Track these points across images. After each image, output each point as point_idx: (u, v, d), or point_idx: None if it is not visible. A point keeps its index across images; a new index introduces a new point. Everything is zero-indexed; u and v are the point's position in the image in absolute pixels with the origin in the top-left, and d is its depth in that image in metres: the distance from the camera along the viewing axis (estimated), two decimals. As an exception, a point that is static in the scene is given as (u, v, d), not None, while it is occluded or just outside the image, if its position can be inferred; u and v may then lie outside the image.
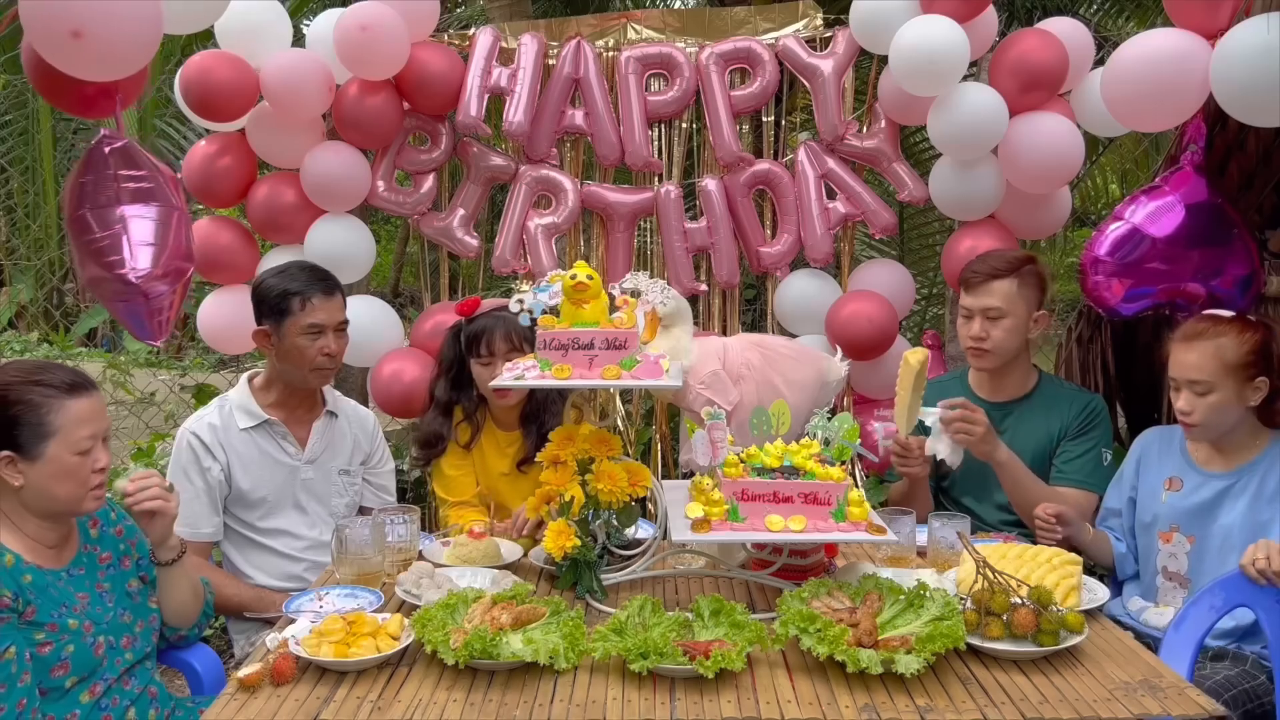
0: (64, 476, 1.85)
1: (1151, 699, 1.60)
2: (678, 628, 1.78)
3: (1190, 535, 2.35)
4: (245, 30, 3.32)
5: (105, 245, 2.58)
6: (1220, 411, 2.28)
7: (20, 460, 1.84)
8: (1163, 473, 2.44)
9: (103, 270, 2.60)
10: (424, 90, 3.44)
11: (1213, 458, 2.38)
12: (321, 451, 2.66)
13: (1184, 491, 2.39)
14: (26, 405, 1.83)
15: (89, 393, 1.90)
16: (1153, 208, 2.85)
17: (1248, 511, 2.30)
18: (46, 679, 1.81)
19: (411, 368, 3.44)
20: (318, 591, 2.02)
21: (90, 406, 1.89)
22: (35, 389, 1.85)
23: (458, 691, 1.64)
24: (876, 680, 1.64)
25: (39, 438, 1.83)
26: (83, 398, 1.88)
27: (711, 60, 3.56)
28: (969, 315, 2.63)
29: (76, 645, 1.84)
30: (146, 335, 2.72)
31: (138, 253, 2.60)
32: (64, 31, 2.35)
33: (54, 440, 1.84)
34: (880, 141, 3.51)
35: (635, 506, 2.14)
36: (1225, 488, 2.33)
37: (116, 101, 2.65)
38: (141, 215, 2.63)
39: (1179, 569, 2.36)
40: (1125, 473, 2.53)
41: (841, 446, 2.01)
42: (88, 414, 1.88)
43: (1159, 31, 2.93)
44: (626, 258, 3.65)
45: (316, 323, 2.54)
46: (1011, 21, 5.48)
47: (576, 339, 2.01)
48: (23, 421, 1.83)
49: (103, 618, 1.91)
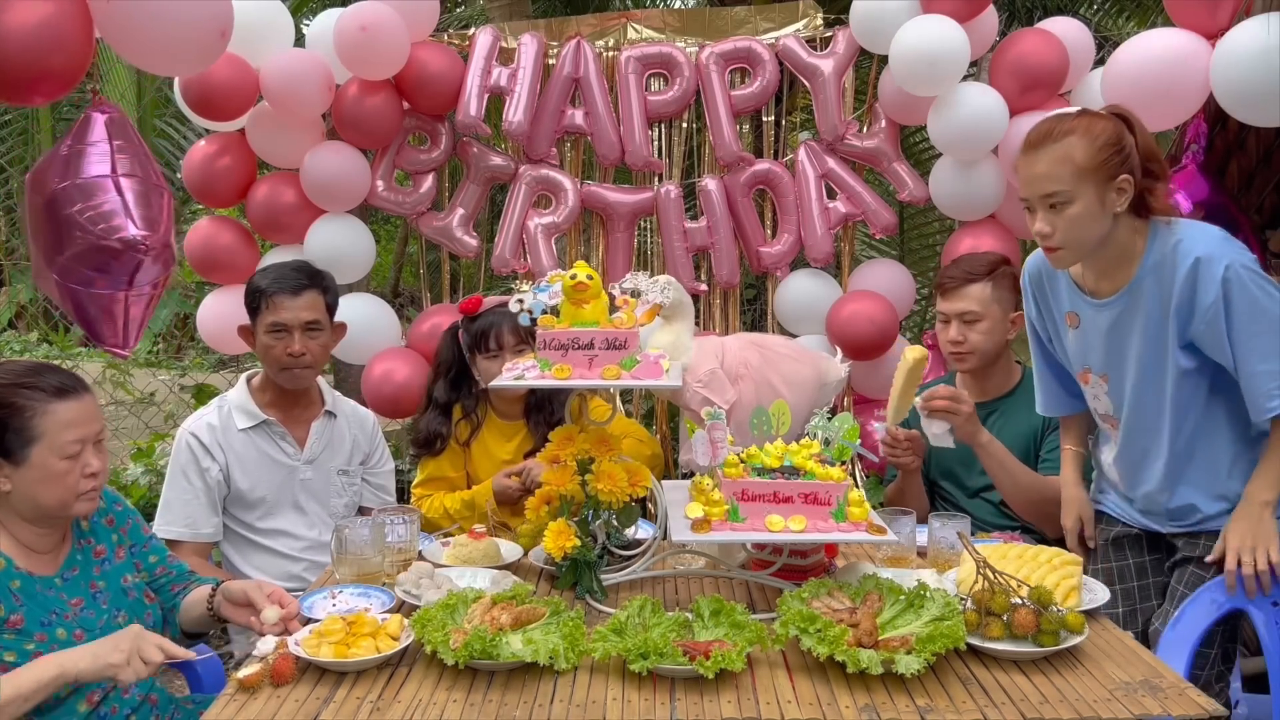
0: (50, 481, 1.82)
1: (1151, 699, 1.60)
2: (678, 628, 1.77)
3: (1103, 374, 2.18)
4: (245, 30, 3.31)
5: (99, 214, 2.50)
6: (1083, 224, 1.99)
7: (6, 465, 1.81)
8: (1060, 307, 2.23)
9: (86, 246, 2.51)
10: (424, 90, 3.44)
11: (1099, 281, 2.12)
12: (320, 451, 2.66)
13: (1082, 327, 2.18)
14: (11, 409, 1.80)
15: (78, 396, 1.86)
16: None
17: (1148, 337, 2.07)
18: None
19: (403, 368, 3.44)
20: (331, 590, 2.02)
21: (79, 410, 1.85)
22: (21, 392, 1.82)
23: (458, 692, 1.64)
24: (876, 680, 1.64)
25: (24, 442, 1.80)
26: (71, 401, 1.84)
27: (711, 60, 3.56)
28: (946, 320, 2.66)
29: None
30: (115, 340, 2.64)
31: (136, 214, 2.54)
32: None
33: (39, 445, 1.81)
34: (880, 141, 3.51)
35: (635, 506, 2.14)
36: (1119, 314, 2.10)
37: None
38: (132, 184, 2.59)
39: (1106, 410, 2.23)
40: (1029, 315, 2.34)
41: (841, 446, 2.01)
42: (76, 418, 1.84)
43: (1159, 31, 2.94)
44: (626, 258, 3.65)
45: (278, 321, 2.52)
46: (1011, 21, 5.48)
47: (576, 339, 2.01)
48: (8, 426, 1.80)
49: (95, 623, 1.88)
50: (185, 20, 2.61)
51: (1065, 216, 2.00)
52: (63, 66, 2.44)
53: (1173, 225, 2.04)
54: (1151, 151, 2.03)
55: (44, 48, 2.37)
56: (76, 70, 2.50)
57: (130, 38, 2.60)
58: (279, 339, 2.53)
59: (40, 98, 2.53)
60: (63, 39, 2.40)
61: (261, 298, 2.54)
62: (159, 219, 2.61)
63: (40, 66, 2.39)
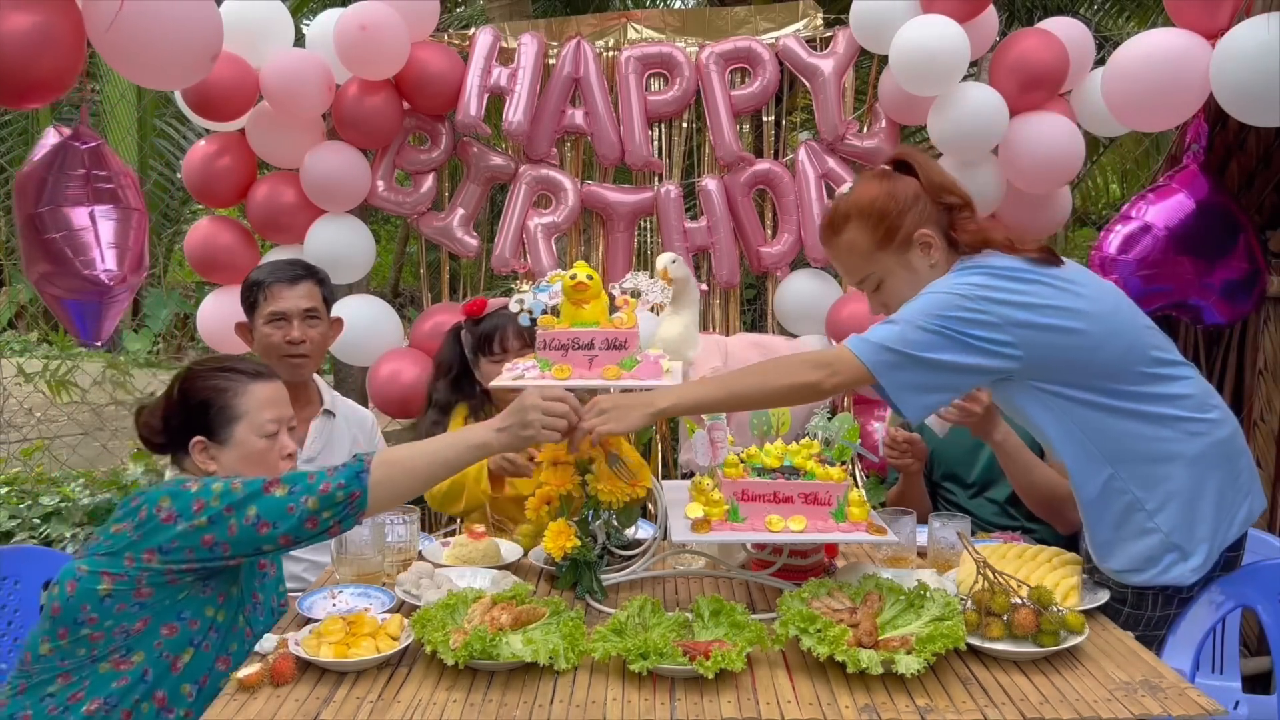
0: (253, 460, 1.91)
1: (1151, 699, 1.60)
2: (678, 628, 1.77)
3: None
4: (246, 30, 3.32)
5: (75, 245, 2.59)
6: (904, 291, 1.93)
7: (211, 445, 1.90)
8: None
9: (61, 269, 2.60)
10: (424, 90, 3.44)
11: None
12: (320, 450, 2.66)
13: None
14: (214, 390, 1.91)
15: (272, 379, 1.98)
16: (1164, 206, 2.85)
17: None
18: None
19: (410, 368, 3.44)
20: (331, 590, 2.02)
21: (274, 391, 1.96)
22: (221, 375, 1.93)
23: (457, 692, 1.64)
24: (876, 680, 1.64)
25: (227, 421, 1.90)
26: (266, 383, 1.96)
27: (712, 60, 3.56)
28: None
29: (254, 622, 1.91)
30: (90, 336, 2.72)
31: (107, 254, 2.62)
32: None
33: (241, 423, 1.91)
34: (880, 141, 3.51)
35: (635, 506, 2.14)
36: None
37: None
38: (109, 217, 2.66)
39: None
40: None
41: (841, 446, 2.01)
42: (273, 397, 1.95)
43: (1159, 31, 2.94)
44: (626, 258, 3.65)
45: (278, 310, 2.56)
46: (1011, 21, 5.49)
47: (576, 339, 2.01)
48: (212, 405, 1.90)
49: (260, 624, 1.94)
50: (177, 43, 2.65)
51: (885, 292, 1.99)
52: (54, 71, 2.47)
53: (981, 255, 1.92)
54: (942, 185, 1.96)
55: (35, 53, 2.40)
56: (68, 75, 2.53)
57: (122, 54, 2.65)
58: (278, 328, 2.56)
59: (33, 101, 2.56)
60: (54, 44, 2.43)
61: (259, 290, 2.58)
62: (130, 247, 2.69)
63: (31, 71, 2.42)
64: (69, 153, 2.65)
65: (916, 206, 1.93)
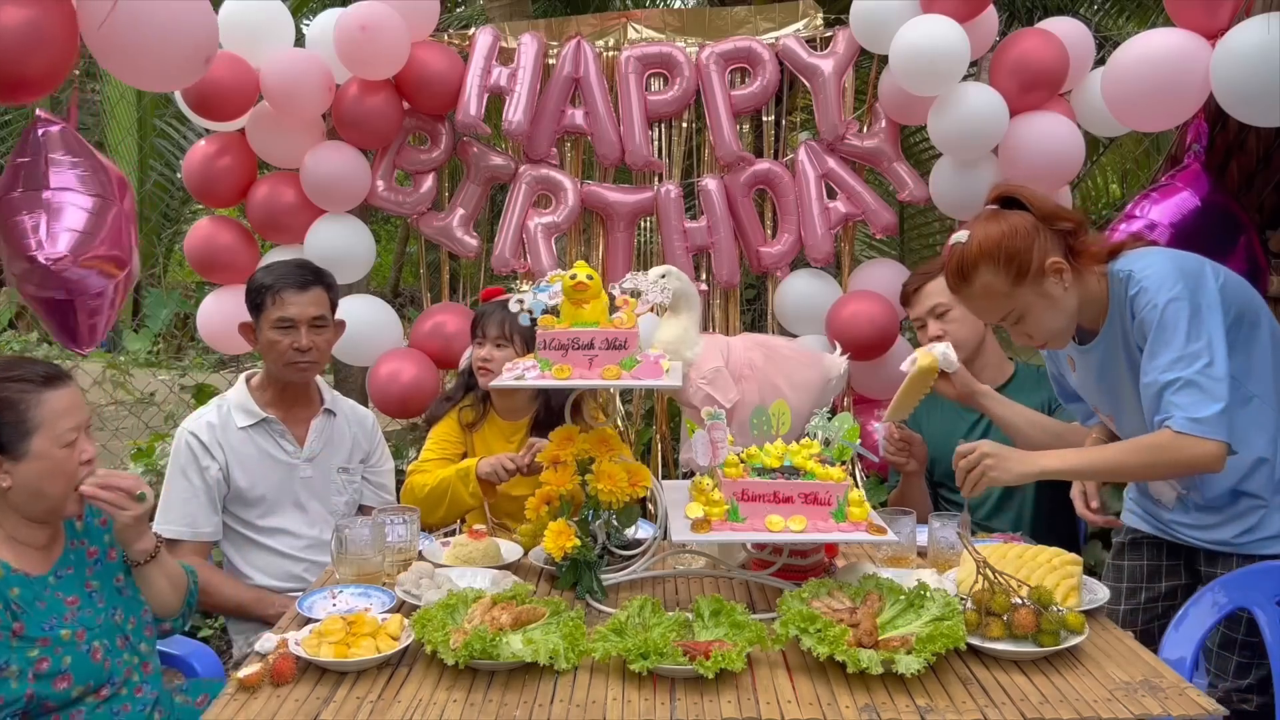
0: (53, 472, 1.80)
1: (1151, 699, 1.60)
2: (678, 628, 1.77)
3: (1109, 414, 2.19)
4: (246, 29, 3.32)
5: (21, 227, 2.51)
6: (1048, 321, 2.03)
7: (5, 460, 1.78)
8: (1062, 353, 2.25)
9: (12, 253, 2.54)
10: (424, 90, 3.44)
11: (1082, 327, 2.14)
12: (320, 449, 2.66)
13: (1079, 371, 2.20)
14: (4, 403, 1.78)
15: (66, 384, 1.85)
16: (1168, 204, 2.86)
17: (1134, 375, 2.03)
18: (51, 693, 1.77)
19: (409, 368, 3.45)
20: (331, 590, 2.02)
21: (69, 397, 1.84)
22: (10, 385, 1.79)
23: (458, 692, 1.64)
24: (877, 680, 1.64)
25: (22, 435, 1.78)
26: (60, 389, 1.83)
27: (711, 60, 3.56)
28: (921, 324, 2.69)
29: (74, 655, 1.80)
30: (73, 341, 2.64)
31: (58, 237, 2.53)
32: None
33: (38, 435, 1.79)
34: (880, 141, 3.51)
35: (635, 506, 2.14)
36: (1102, 357, 2.10)
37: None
38: (72, 203, 2.57)
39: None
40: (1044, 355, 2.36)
41: (841, 446, 2.01)
42: (68, 405, 1.83)
43: (1159, 31, 2.94)
44: (626, 257, 3.65)
45: (285, 316, 2.53)
46: (1012, 21, 5.48)
47: (576, 339, 2.01)
48: (3, 420, 1.78)
49: (94, 621, 1.87)
50: (170, 44, 2.65)
51: (1029, 324, 2.03)
52: (46, 67, 2.46)
53: (1124, 259, 2.01)
54: (1052, 211, 2.01)
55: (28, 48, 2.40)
56: (59, 71, 2.52)
57: (115, 54, 2.65)
58: (286, 334, 2.54)
59: (24, 96, 2.55)
60: (46, 40, 2.42)
61: (267, 294, 2.54)
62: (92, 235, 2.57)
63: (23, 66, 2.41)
64: (32, 138, 2.61)
65: (1039, 238, 1.97)
